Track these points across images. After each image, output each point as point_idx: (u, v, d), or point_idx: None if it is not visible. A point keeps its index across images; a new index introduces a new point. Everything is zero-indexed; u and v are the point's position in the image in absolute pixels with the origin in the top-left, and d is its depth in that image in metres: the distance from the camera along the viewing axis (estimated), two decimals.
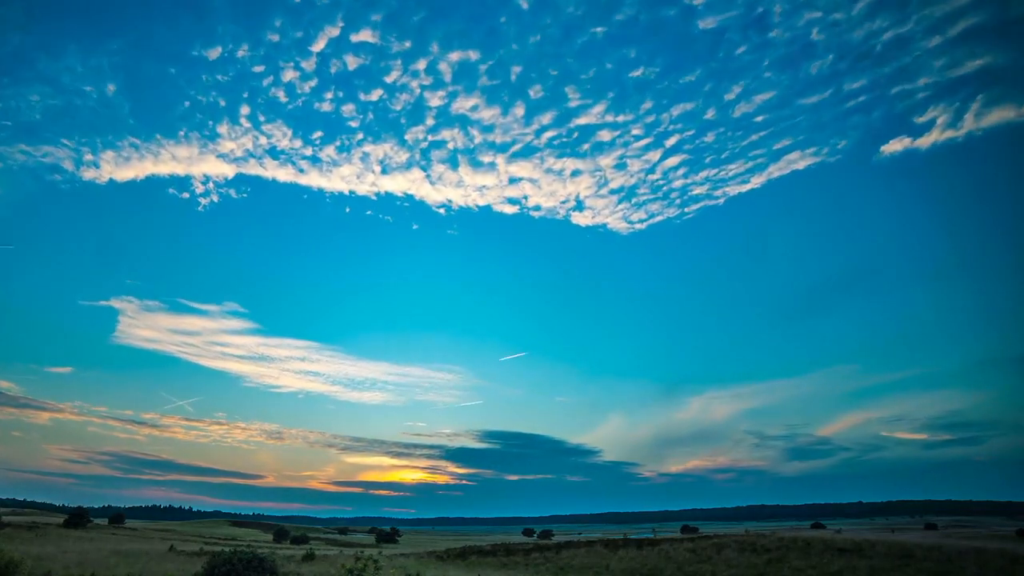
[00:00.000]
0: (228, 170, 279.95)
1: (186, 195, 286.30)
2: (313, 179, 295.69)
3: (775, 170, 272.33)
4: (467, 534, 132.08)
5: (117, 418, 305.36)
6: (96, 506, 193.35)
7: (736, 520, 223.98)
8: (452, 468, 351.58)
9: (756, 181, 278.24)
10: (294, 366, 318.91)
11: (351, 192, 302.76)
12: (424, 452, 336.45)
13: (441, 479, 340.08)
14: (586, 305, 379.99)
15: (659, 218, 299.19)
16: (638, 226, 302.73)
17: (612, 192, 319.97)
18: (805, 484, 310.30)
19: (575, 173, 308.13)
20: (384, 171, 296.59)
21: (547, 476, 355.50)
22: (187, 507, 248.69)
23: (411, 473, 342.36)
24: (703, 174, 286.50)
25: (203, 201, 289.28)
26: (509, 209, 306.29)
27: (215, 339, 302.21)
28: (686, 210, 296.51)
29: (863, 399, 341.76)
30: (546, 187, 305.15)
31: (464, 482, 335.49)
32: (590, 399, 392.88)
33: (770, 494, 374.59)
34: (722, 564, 27.14)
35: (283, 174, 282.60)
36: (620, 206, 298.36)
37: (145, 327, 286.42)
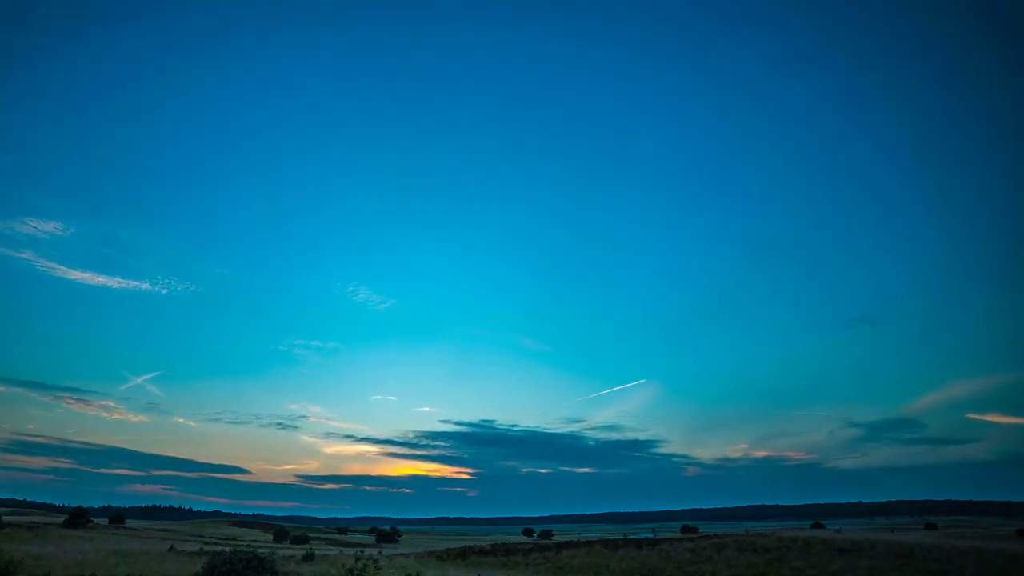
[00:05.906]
0: None
1: None
2: None
3: None
4: (467, 534, 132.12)
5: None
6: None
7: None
8: (450, 460, 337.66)
9: None
10: None
11: None
12: (416, 442, 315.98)
13: (438, 472, 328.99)
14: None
15: None
16: None
17: None
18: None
19: None
20: None
21: (552, 471, 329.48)
22: (187, 507, 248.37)
23: (404, 466, 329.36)
24: None
25: None
26: None
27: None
28: None
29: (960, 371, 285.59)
30: None
31: (463, 476, 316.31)
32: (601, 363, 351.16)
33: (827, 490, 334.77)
34: (722, 564, 27.16)
35: None
36: None
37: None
